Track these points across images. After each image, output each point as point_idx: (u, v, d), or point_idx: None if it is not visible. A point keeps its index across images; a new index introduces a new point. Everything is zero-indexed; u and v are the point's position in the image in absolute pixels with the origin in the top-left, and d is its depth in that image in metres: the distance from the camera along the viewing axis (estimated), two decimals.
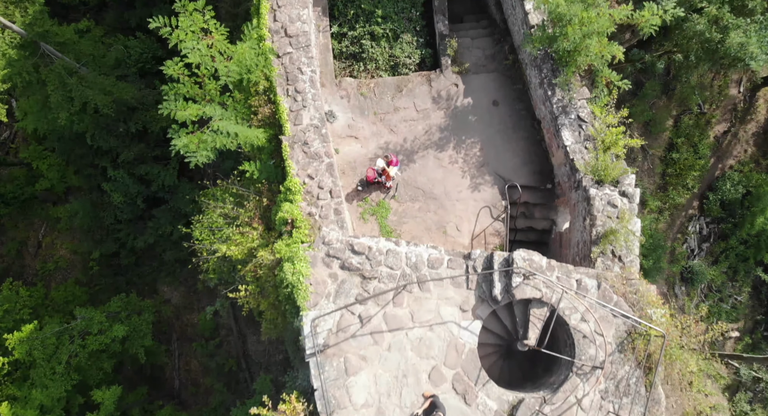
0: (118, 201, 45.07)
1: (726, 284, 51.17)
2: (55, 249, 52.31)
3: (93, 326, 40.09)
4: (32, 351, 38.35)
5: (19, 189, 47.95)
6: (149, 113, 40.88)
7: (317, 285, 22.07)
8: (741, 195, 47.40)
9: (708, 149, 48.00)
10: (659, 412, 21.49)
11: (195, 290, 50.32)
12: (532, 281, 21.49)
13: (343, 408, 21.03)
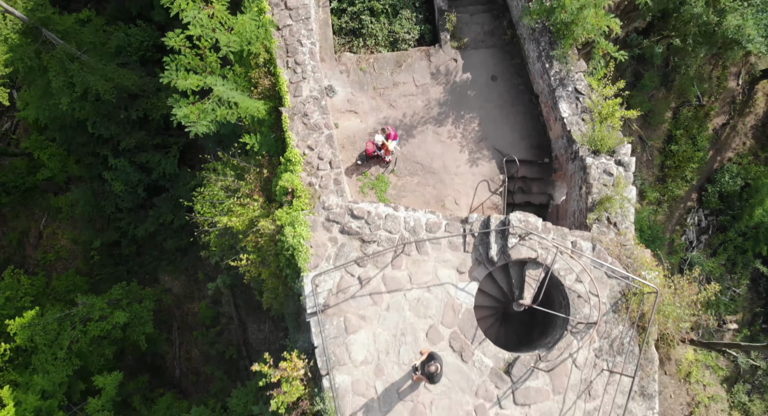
0: (119, 189, 45.30)
1: (724, 276, 51.40)
2: (56, 239, 52.52)
3: (94, 312, 40.31)
4: (34, 337, 38.56)
5: (20, 178, 48.17)
6: (150, 101, 41.15)
7: (317, 247, 22.43)
8: (739, 187, 47.66)
9: (707, 141, 48.25)
10: (652, 371, 21.74)
11: (196, 279, 50.59)
12: (527, 242, 21.82)
13: (343, 365, 21.37)
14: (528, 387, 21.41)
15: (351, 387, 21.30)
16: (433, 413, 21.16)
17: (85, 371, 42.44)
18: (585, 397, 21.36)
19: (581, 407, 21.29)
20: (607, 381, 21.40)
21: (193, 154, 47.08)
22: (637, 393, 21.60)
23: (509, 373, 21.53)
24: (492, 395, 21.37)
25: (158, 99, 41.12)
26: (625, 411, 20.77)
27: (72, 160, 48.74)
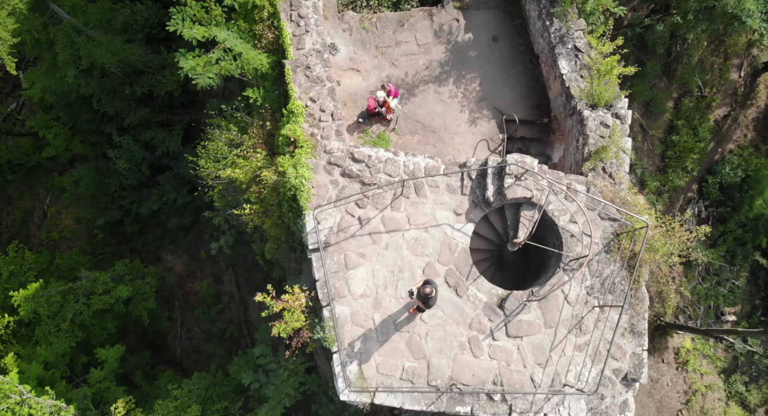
0: (123, 168, 45.84)
1: (724, 268, 51.68)
2: (60, 219, 53.01)
3: (98, 286, 40.77)
4: (37, 309, 38.98)
5: (25, 156, 48.69)
6: (155, 77, 41.67)
7: (318, 188, 23.06)
8: (740, 179, 47.99)
9: (708, 132, 48.57)
10: (642, 309, 22.29)
11: (198, 258, 51.07)
12: (523, 182, 22.43)
13: (343, 297, 21.99)
14: (520, 320, 21.98)
15: (350, 317, 21.90)
16: (428, 343, 21.73)
17: (87, 344, 42.94)
18: (576, 332, 21.91)
19: (572, 341, 21.85)
20: (597, 318, 21.92)
21: (197, 133, 47.60)
22: (627, 330, 22.16)
23: (502, 307, 22.11)
24: (485, 327, 21.95)
25: (163, 76, 41.70)
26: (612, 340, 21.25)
27: (77, 139, 49.23)
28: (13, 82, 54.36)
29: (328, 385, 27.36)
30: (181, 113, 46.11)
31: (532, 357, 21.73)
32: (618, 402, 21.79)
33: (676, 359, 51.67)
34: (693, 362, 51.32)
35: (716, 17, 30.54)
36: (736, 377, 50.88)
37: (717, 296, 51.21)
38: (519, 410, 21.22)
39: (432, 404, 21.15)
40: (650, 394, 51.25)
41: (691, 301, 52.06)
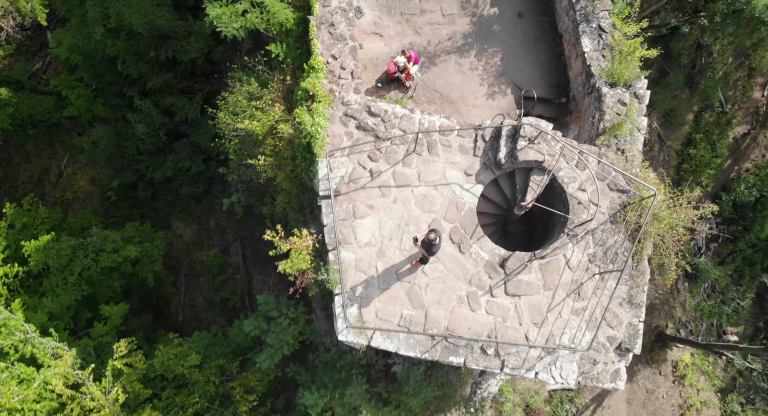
0: (142, 132, 46.36)
1: (730, 287, 51.81)
2: (75, 179, 53.55)
3: (107, 244, 41.28)
4: (47, 260, 39.53)
5: (47, 113, 49.12)
6: (180, 43, 42.12)
7: (333, 138, 23.52)
8: (754, 198, 48.05)
9: (726, 149, 48.64)
10: (642, 282, 22.60)
11: (207, 228, 51.55)
12: (536, 145, 22.80)
13: (348, 244, 22.41)
14: (520, 280, 22.35)
15: (354, 264, 22.31)
16: (427, 294, 22.11)
17: (92, 301, 43.44)
18: (574, 297, 22.26)
19: (569, 304, 22.20)
20: (597, 286, 22.25)
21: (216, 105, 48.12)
22: (626, 300, 22.49)
23: (503, 266, 22.49)
24: (485, 284, 22.32)
25: (188, 43, 42.21)
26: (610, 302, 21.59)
27: (98, 101, 49.81)
28: (41, 41, 55.08)
29: (326, 336, 27.72)
30: (202, 82, 46.65)
31: (529, 316, 22.08)
32: (610, 370, 22.07)
33: (674, 372, 51.85)
34: (690, 376, 51.49)
35: (743, 21, 30.72)
36: (732, 396, 51.03)
37: (721, 314, 51.33)
38: (511, 366, 21.56)
39: (426, 352, 21.49)
40: (644, 405, 51.48)
41: (694, 317, 52.23)
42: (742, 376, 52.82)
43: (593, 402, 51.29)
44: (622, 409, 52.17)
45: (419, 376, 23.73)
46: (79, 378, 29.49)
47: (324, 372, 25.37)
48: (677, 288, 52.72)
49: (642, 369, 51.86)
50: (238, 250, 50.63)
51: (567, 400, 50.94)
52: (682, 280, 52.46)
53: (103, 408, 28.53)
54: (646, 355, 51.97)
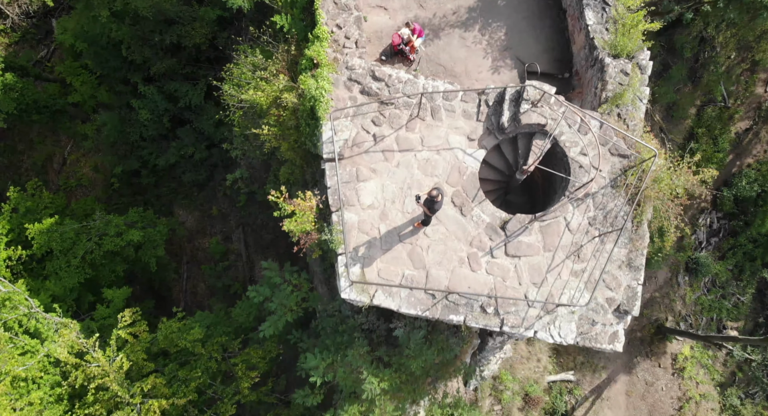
0: (145, 118, 46.68)
1: (730, 282, 51.95)
2: (78, 166, 53.87)
3: (110, 228, 41.58)
4: (51, 243, 39.78)
5: (51, 99, 49.39)
6: (185, 28, 42.34)
7: (337, 102, 23.83)
8: (756, 193, 48.09)
9: (728, 144, 48.73)
10: (642, 246, 22.85)
11: (209, 215, 51.84)
12: (539, 109, 23.09)
13: (352, 206, 22.67)
14: (520, 241, 22.61)
15: (357, 225, 22.58)
16: (429, 255, 22.36)
17: (95, 285, 43.71)
18: (574, 258, 22.52)
19: (569, 266, 22.45)
20: (596, 249, 22.50)
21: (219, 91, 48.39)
22: (625, 263, 22.75)
23: (504, 229, 22.75)
24: (485, 245, 22.58)
25: (193, 28, 42.42)
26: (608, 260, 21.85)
27: (102, 88, 50.10)
28: (46, 29, 55.47)
29: (328, 303, 27.95)
30: (206, 68, 46.93)
31: (528, 277, 22.33)
32: (609, 331, 22.31)
33: (673, 365, 52.00)
34: (690, 369, 51.63)
35: (745, 5, 30.88)
36: (732, 390, 51.14)
37: (721, 309, 51.43)
38: (510, 324, 21.80)
39: (427, 310, 21.74)
40: (643, 397, 51.61)
41: (694, 311, 52.41)
42: (742, 371, 52.97)
43: (592, 393, 51.46)
44: (622, 401, 52.33)
45: (420, 339, 23.95)
46: (83, 347, 29.67)
47: (326, 336, 25.60)
48: (677, 281, 52.89)
49: (641, 361, 52.01)
50: (240, 237, 50.91)
51: (566, 391, 51.12)
52: (682, 274, 52.65)
53: (107, 375, 28.69)
54: (645, 348, 52.16)
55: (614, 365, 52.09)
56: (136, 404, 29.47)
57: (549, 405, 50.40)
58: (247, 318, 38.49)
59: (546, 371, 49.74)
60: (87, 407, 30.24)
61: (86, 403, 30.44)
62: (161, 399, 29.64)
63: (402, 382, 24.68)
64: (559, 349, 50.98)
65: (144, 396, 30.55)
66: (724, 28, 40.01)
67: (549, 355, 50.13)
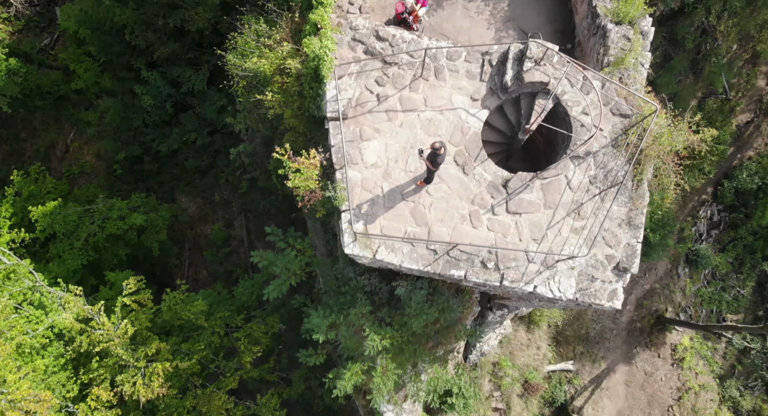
0: (148, 104, 47.04)
1: (731, 275, 52.21)
2: (81, 154, 54.21)
3: (113, 212, 41.91)
4: (54, 225, 40.06)
5: (55, 85, 49.67)
6: (188, 12, 42.62)
7: (341, 62, 24.04)
8: (756, 186, 48.40)
9: (729, 136, 49.05)
10: (641, 205, 23.05)
11: (211, 202, 52.14)
12: (542, 67, 23.36)
13: (355, 164, 22.91)
14: (521, 198, 22.84)
15: (360, 183, 22.81)
16: (431, 213, 22.60)
17: (97, 269, 43.95)
18: (574, 216, 22.73)
19: (569, 223, 22.67)
20: (596, 207, 22.73)
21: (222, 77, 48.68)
22: (625, 222, 22.96)
23: (506, 187, 22.97)
24: (487, 203, 22.81)
25: (196, 12, 42.68)
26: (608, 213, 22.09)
27: (106, 76, 50.41)
28: (49, 17, 55.80)
29: (330, 267, 28.17)
30: (209, 54, 47.17)
31: (529, 233, 22.55)
32: (608, 289, 22.51)
33: (673, 355, 52.21)
34: (689, 360, 51.84)
35: None
36: (731, 382, 51.30)
37: (720, 301, 51.64)
38: (510, 279, 22.00)
39: (429, 265, 21.94)
40: (643, 387, 51.79)
41: (694, 303, 52.63)
42: (741, 364, 53.16)
43: (592, 383, 51.63)
44: (621, 391, 52.50)
45: (421, 298, 24.15)
46: (89, 314, 29.92)
47: (329, 297, 25.84)
48: (677, 273, 53.14)
49: (641, 351, 52.21)
50: (242, 224, 51.23)
51: (566, 381, 51.31)
52: (682, 266, 52.89)
53: (111, 340, 28.94)
54: (645, 338, 52.36)
55: (614, 355, 52.28)
56: (141, 368, 29.69)
57: (548, 394, 50.58)
58: (249, 297, 38.78)
59: (545, 359, 49.93)
60: (91, 372, 30.48)
61: (90, 369, 30.67)
62: (165, 362, 29.87)
63: (403, 343, 24.90)
64: (559, 339, 51.19)
65: (148, 360, 30.79)
66: (725, 17, 40.26)
67: (549, 344, 50.34)
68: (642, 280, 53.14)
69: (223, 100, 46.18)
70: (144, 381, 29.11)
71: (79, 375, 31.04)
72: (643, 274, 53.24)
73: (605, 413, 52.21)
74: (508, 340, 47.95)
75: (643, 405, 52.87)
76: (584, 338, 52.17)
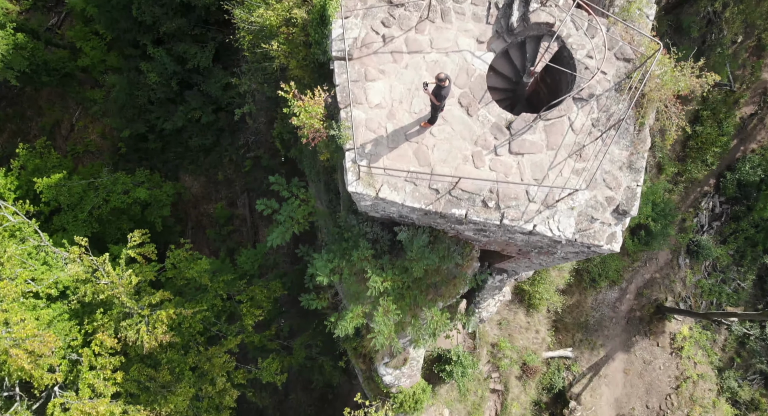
0: (154, 81, 47.45)
1: (731, 268, 52.48)
2: (86, 132, 54.64)
3: (118, 186, 42.23)
4: (59, 197, 40.31)
5: (61, 62, 50.06)
6: None
7: (347, 1, 24.26)
8: (759, 178, 48.69)
9: (732, 128, 49.37)
10: (643, 149, 23.27)
11: (215, 181, 52.48)
12: (547, 8, 23.63)
13: (360, 104, 23.13)
14: (524, 139, 23.05)
15: (364, 122, 23.02)
16: (434, 154, 22.82)
17: (101, 242, 44.14)
18: (575, 158, 22.94)
19: (570, 164, 22.87)
20: (598, 149, 22.97)
21: (227, 55, 49.10)
22: (625, 165, 23.18)
23: (509, 128, 23.21)
24: (490, 144, 23.02)
25: None
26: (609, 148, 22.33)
27: (113, 54, 50.77)
28: None
29: (333, 219, 28.39)
30: (214, 31, 47.62)
31: (530, 173, 22.76)
32: (607, 231, 22.73)
33: (672, 344, 52.45)
34: (688, 349, 52.08)
35: None
36: (730, 373, 51.49)
37: (721, 293, 51.88)
38: (510, 217, 22.21)
39: (431, 204, 22.17)
40: (641, 375, 52.00)
41: (694, 293, 52.85)
42: (740, 357, 53.34)
43: (590, 370, 51.85)
44: (619, 379, 52.70)
45: (423, 242, 24.39)
46: (93, 265, 30.16)
47: (332, 242, 26.10)
48: (678, 263, 53.40)
49: (640, 340, 52.43)
50: (245, 202, 51.57)
51: (564, 368, 51.51)
52: (683, 256, 53.13)
53: (116, 287, 29.20)
54: (644, 327, 52.60)
55: (612, 343, 52.52)
56: (145, 316, 29.95)
57: (547, 380, 50.80)
58: (252, 266, 39.12)
59: (544, 343, 50.18)
60: (95, 322, 30.72)
61: (94, 320, 30.92)
62: (169, 309, 30.13)
63: (404, 288, 25.13)
64: (558, 326, 51.45)
65: (152, 308, 31.06)
66: (731, 3, 40.59)
67: (548, 328, 50.56)
68: (642, 270, 53.41)
69: (227, 77, 46.51)
70: (148, 329, 29.32)
71: (83, 325, 31.23)
72: (644, 264, 53.53)
73: (603, 400, 52.39)
74: (507, 322, 48.21)
75: (641, 393, 53.06)
76: (583, 326, 52.43)
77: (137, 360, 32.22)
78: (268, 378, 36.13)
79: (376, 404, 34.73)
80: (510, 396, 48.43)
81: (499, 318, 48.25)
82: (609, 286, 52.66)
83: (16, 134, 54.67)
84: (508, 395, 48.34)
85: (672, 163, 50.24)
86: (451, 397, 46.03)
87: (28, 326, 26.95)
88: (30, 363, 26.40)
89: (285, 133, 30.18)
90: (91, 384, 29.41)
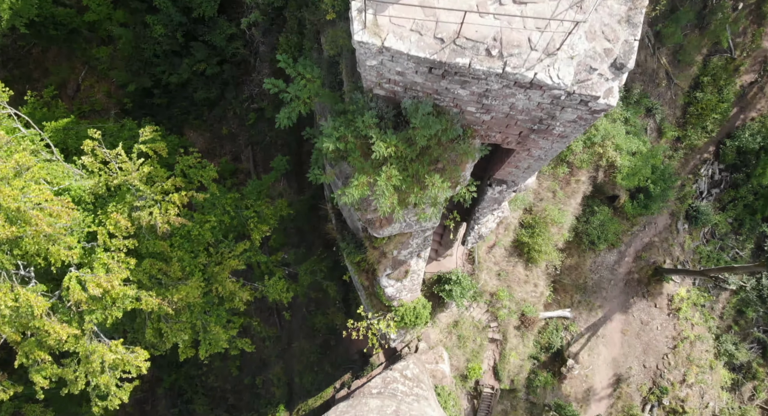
0: (159, 33, 48.14)
1: (730, 235, 53.12)
2: (92, 92, 55.26)
3: (124, 132, 42.61)
4: (66, 140, 40.75)
5: (68, 17, 50.70)
6: None
7: None
8: (758, 146, 49.51)
9: (732, 95, 50.11)
10: (641, 5, 23.88)
11: (219, 136, 53.15)
12: None
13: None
14: None
15: None
16: (439, 3, 23.27)
17: None
18: (576, 9, 23.65)
19: (571, 15, 23.57)
20: (598, 2, 23.69)
21: (232, 7, 49.90)
22: (624, 19, 23.90)
23: None
24: None
25: None
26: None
27: (119, 11, 51.52)
28: None
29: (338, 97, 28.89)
30: None
31: (533, 22, 23.41)
32: (604, 85, 23.40)
33: (669, 305, 53.06)
34: (685, 310, 52.69)
35: None
36: (727, 337, 52.04)
37: (719, 260, 52.50)
38: (512, 65, 22.84)
39: (435, 54, 22.83)
40: (638, 335, 52.57)
41: (692, 259, 53.47)
42: (738, 325, 53.89)
43: (588, 331, 52.33)
44: (617, 339, 53.20)
45: (427, 110, 24.92)
46: (107, 157, 30.58)
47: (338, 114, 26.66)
48: (677, 228, 54.04)
49: (637, 301, 52.97)
50: (249, 156, 52.21)
51: (562, 328, 51.98)
52: (682, 221, 53.77)
53: (129, 173, 29.69)
54: (642, 288, 53.15)
55: (610, 305, 53.04)
56: (157, 201, 30.42)
57: (545, 339, 51.28)
58: (258, 196, 39.59)
59: (543, 297, 50.67)
60: (108, 214, 31.05)
61: (107, 211, 31.25)
62: (181, 192, 30.62)
63: (408, 161, 25.68)
64: (557, 286, 51.96)
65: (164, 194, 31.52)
66: None
67: (546, 284, 51.05)
68: (641, 234, 54.02)
69: (232, 28, 47.29)
70: (161, 211, 29.80)
71: (97, 214, 31.61)
72: (643, 228, 54.15)
73: (600, 359, 52.85)
74: (506, 274, 48.75)
75: (639, 352, 53.54)
76: (582, 287, 52.98)
77: (148, 256, 32.54)
78: (274, 295, 36.55)
79: (378, 316, 35.38)
80: (508, 346, 48.90)
81: (498, 269, 48.78)
82: (608, 249, 53.20)
83: (22, 95, 55.21)
84: (506, 344, 48.81)
85: (672, 127, 50.91)
86: (450, 343, 46.60)
87: (45, 192, 27.32)
88: (50, 226, 26.64)
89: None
90: (105, 263, 29.65)
